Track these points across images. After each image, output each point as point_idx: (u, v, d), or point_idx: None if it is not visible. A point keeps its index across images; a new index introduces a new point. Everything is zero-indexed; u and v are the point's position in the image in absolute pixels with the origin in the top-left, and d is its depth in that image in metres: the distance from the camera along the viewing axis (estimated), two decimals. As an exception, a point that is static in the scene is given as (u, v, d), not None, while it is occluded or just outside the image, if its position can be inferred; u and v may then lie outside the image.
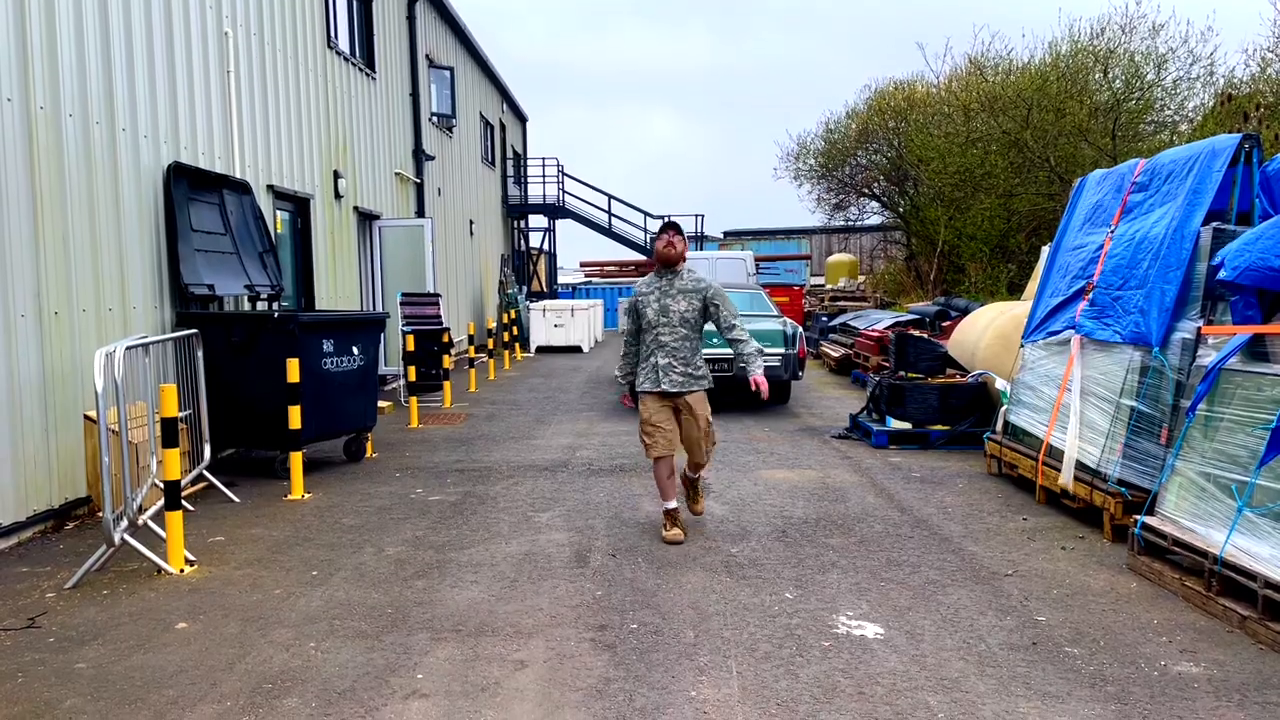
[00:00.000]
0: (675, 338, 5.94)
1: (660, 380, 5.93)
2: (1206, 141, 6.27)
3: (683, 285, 5.98)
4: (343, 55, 13.25)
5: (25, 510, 6.22)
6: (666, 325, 5.94)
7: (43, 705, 3.74)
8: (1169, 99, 20.26)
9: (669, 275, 6.01)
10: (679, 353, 5.94)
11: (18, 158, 6.25)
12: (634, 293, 6.09)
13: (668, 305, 5.93)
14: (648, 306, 5.99)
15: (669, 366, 5.92)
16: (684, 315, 5.93)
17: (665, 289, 5.98)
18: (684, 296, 5.95)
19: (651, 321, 5.97)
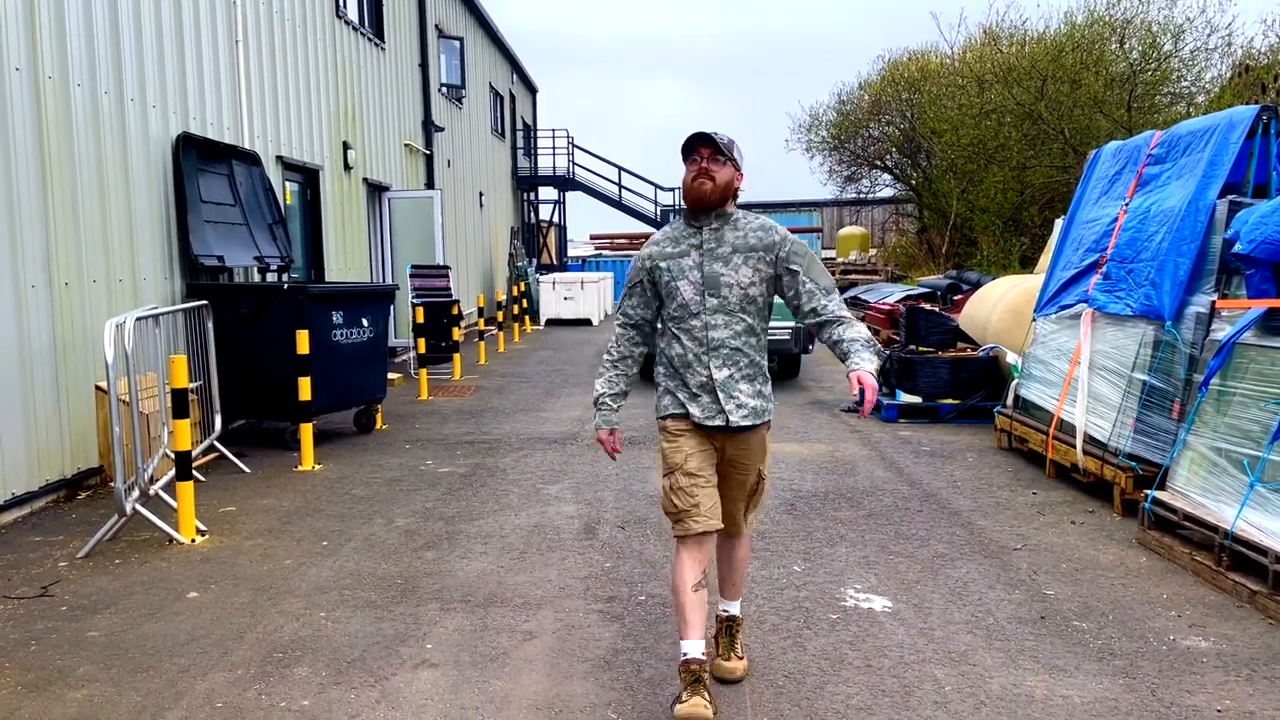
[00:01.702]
0: (735, 331, 3.43)
1: (721, 405, 3.43)
2: (1224, 113, 6.19)
3: (739, 239, 3.44)
4: (352, 25, 13.17)
5: (38, 480, 6.26)
6: (720, 310, 3.42)
7: (55, 673, 3.78)
8: (1186, 70, 20.03)
9: (713, 224, 3.47)
10: (743, 358, 3.44)
11: (26, 128, 6.23)
12: (638, 256, 3.63)
13: (717, 275, 3.41)
14: (677, 278, 3.46)
15: (729, 384, 3.43)
16: (746, 292, 3.42)
17: (709, 247, 3.45)
18: (745, 258, 3.42)
19: (687, 304, 3.44)
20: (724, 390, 3.42)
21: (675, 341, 3.48)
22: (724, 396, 3.41)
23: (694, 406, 3.45)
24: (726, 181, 3.41)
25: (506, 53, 25.53)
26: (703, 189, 3.40)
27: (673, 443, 3.49)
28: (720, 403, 3.41)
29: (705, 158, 3.41)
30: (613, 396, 3.63)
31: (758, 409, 3.47)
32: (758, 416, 3.47)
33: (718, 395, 3.41)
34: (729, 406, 3.41)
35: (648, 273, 3.55)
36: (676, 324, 3.48)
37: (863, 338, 3.38)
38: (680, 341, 3.47)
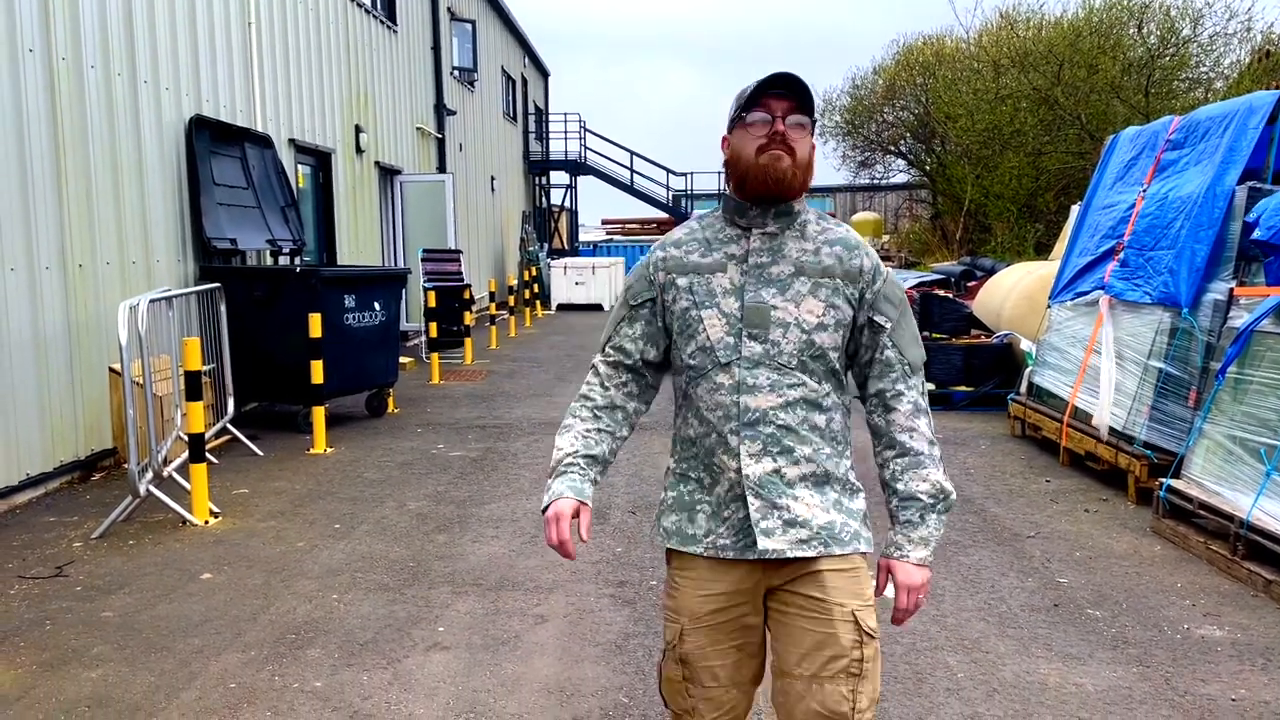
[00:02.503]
0: (786, 400, 2.02)
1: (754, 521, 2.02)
2: (1243, 99, 6.12)
3: (807, 254, 2.07)
4: (364, 8, 13.14)
5: (52, 461, 6.29)
6: (765, 363, 2.02)
7: (70, 652, 3.80)
8: (1204, 55, 19.83)
9: (769, 225, 2.07)
10: (798, 445, 2.03)
11: (40, 110, 6.23)
12: (644, 262, 2.21)
13: (766, 307, 2.03)
14: (702, 305, 2.07)
15: (772, 483, 2.02)
16: (811, 338, 2.03)
17: (757, 261, 2.06)
18: (814, 285, 2.05)
19: (713, 348, 2.05)
20: (762, 494, 1.98)
21: (691, 413, 2.09)
22: (761, 504, 1.98)
23: (713, 525, 2.05)
24: (809, 162, 2.03)
25: (519, 36, 25.45)
26: (780, 169, 1.96)
27: (673, 597, 2.13)
28: (752, 516, 1.99)
29: (784, 115, 1.97)
30: (589, 460, 2.10)
31: (831, 527, 2.01)
32: (831, 540, 2.00)
33: (747, 502, 1.99)
34: (768, 523, 1.98)
35: (660, 289, 2.13)
36: (693, 383, 2.07)
37: (929, 493, 2.06)
38: (698, 413, 2.06)
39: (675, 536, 2.12)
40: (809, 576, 2.04)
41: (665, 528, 2.15)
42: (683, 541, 2.10)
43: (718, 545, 2.06)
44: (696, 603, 2.08)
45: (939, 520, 2.12)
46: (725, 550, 2.05)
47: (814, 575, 2.03)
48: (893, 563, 2.12)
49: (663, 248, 2.19)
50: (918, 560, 2.10)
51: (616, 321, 2.21)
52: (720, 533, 2.06)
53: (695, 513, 2.10)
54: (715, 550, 2.06)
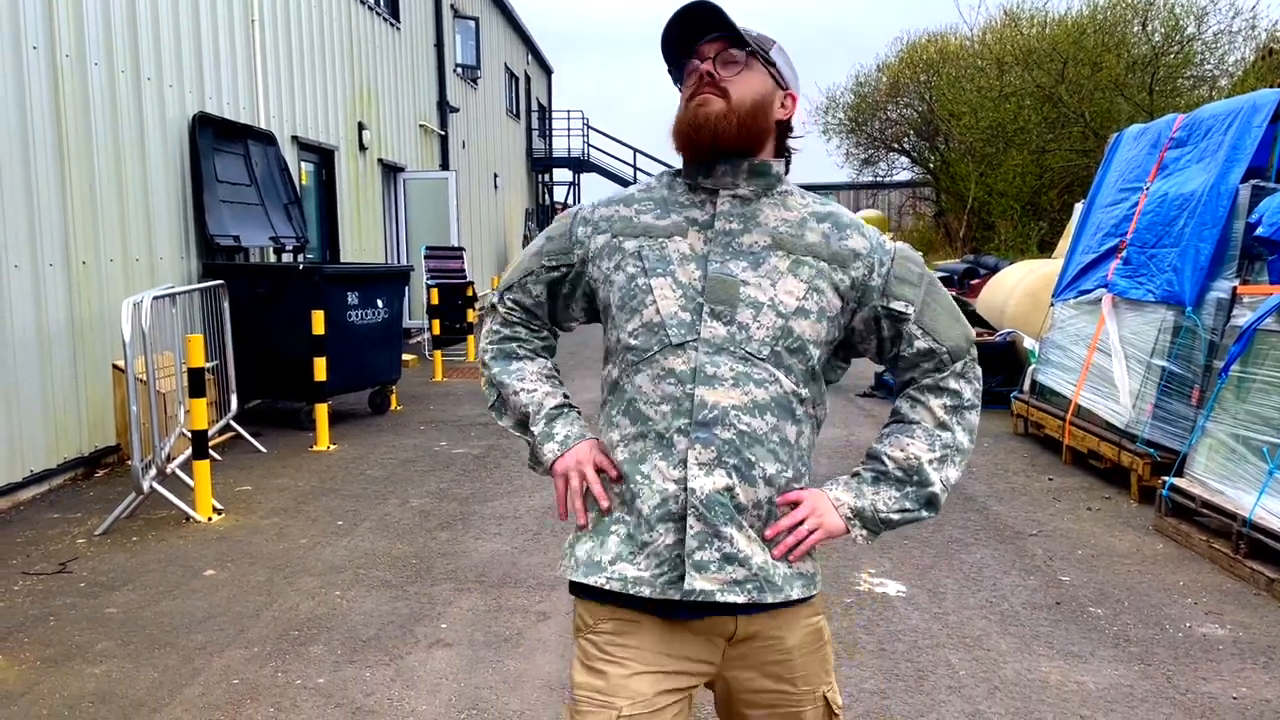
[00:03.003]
0: (755, 398, 1.59)
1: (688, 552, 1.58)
2: (1247, 97, 6.11)
3: (787, 225, 1.67)
4: (367, 5, 13.14)
5: (56, 457, 6.30)
6: (728, 349, 1.60)
7: (74, 648, 3.81)
8: (1209, 53, 19.81)
9: (738, 187, 1.68)
10: (764, 457, 1.60)
11: (44, 106, 6.24)
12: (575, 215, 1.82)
13: (734, 281, 1.62)
14: (652, 272, 1.65)
15: (719, 506, 1.57)
16: (789, 324, 1.61)
17: (725, 227, 1.66)
18: (794, 263, 1.64)
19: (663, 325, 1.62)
20: (706, 516, 1.57)
21: (620, 409, 1.68)
22: (702, 529, 1.57)
23: (624, 551, 1.62)
24: (754, 100, 1.64)
25: (522, 33, 25.44)
26: (706, 113, 1.62)
27: (599, 673, 1.63)
28: (687, 543, 1.57)
29: (714, 55, 1.65)
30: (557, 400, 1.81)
31: (767, 568, 1.62)
32: (766, 585, 1.62)
33: (685, 524, 1.58)
34: (703, 554, 1.57)
35: (588, 257, 1.76)
36: (630, 370, 1.66)
37: (898, 462, 1.70)
38: (631, 407, 1.65)
39: (583, 566, 1.65)
40: (766, 648, 1.68)
41: (575, 556, 1.69)
42: (588, 571, 1.64)
43: (627, 578, 1.59)
44: (642, 682, 1.60)
45: (896, 499, 1.68)
46: (637, 585, 1.59)
47: (771, 646, 1.68)
48: (813, 497, 1.67)
49: (607, 204, 1.78)
50: (836, 499, 1.68)
51: (526, 271, 1.84)
52: (637, 562, 1.59)
53: (608, 535, 1.64)
54: (623, 583, 1.59)
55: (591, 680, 1.62)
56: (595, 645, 1.65)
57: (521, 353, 1.84)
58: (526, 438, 1.79)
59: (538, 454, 1.76)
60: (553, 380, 1.82)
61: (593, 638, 1.66)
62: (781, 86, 1.70)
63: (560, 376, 1.85)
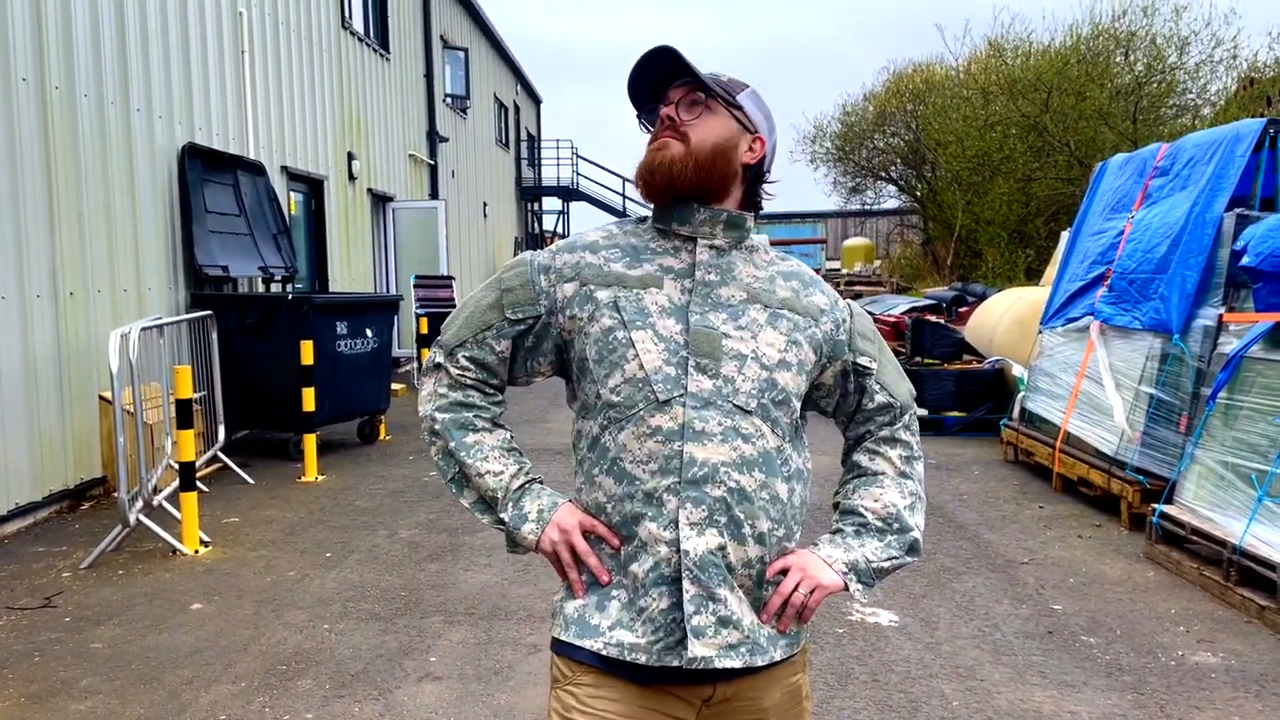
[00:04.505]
0: (743, 454, 1.57)
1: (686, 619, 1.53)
2: (1230, 126, 6.18)
3: (760, 280, 1.68)
4: (357, 36, 13.21)
5: (42, 490, 6.25)
6: (715, 404, 1.57)
7: (59, 684, 3.76)
8: (1191, 82, 20.03)
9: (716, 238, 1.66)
10: (758, 515, 1.58)
11: (33, 138, 6.24)
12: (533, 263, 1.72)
13: (717, 334, 1.60)
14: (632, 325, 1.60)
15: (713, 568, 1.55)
16: (773, 377, 1.61)
17: (705, 278, 1.64)
18: (772, 316, 1.65)
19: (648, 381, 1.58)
20: (701, 578, 1.54)
21: (603, 469, 1.62)
22: (697, 593, 1.54)
23: (629, 626, 1.58)
24: (714, 144, 1.62)
25: (511, 64, 25.59)
26: (662, 158, 1.62)
27: (562, 708, 1.63)
28: (685, 608, 1.53)
29: (676, 101, 1.64)
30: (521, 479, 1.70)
31: (755, 629, 1.60)
32: (773, 647, 1.62)
33: (681, 588, 1.54)
34: (700, 619, 1.54)
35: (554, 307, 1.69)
36: (611, 427, 1.61)
37: (876, 512, 1.72)
38: (615, 467, 1.60)
39: (574, 626, 1.61)
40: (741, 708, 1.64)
41: (564, 616, 1.64)
42: (581, 634, 1.59)
43: (624, 644, 1.56)
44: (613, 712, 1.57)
45: (882, 549, 1.68)
46: (634, 651, 1.54)
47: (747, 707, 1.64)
48: (800, 562, 1.64)
49: (570, 250, 1.70)
50: (828, 556, 1.66)
51: (482, 326, 1.70)
52: (634, 628, 1.56)
53: (608, 599, 1.60)
54: (620, 650, 1.55)
55: None
56: (575, 698, 1.61)
57: (479, 424, 1.71)
58: (495, 523, 1.69)
59: (515, 538, 1.67)
60: (514, 454, 1.72)
61: (572, 689, 1.61)
62: (749, 130, 1.66)
63: (519, 446, 1.75)
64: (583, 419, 1.68)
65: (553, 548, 1.63)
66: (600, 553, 1.62)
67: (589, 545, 1.62)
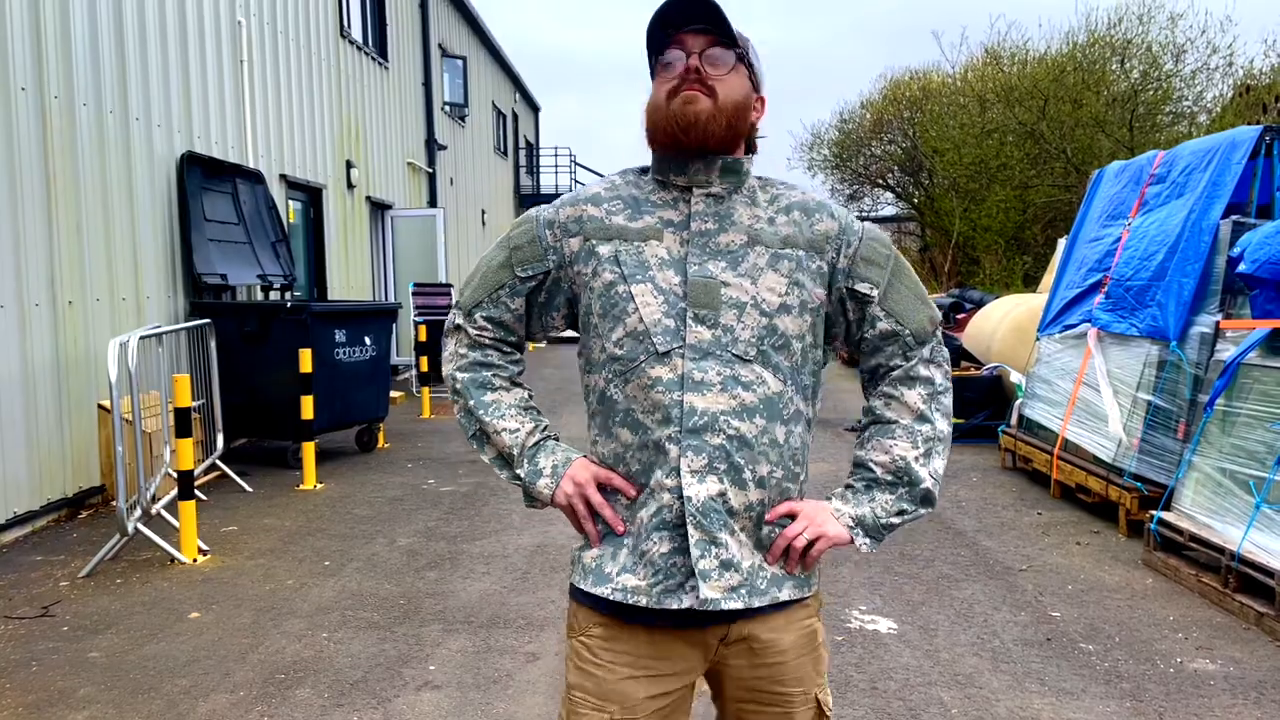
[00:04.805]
0: (743, 401, 1.60)
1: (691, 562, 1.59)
2: (1226, 133, 6.20)
3: (761, 220, 1.67)
4: (355, 44, 13.24)
5: (40, 498, 6.24)
6: (714, 353, 1.60)
7: (56, 694, 3.75)
8: (1187, 89, 20.10)
9: (712, 185, 1.67)
10: (757, 459, 1.62)
11: (32, 147, 6.25)
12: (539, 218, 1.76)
13: (715, 283, 1.61)
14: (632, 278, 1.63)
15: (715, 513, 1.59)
16: (773, 322, 1.62)
17: (701, 227, 1.65)
18: (772, 257, 1.64)
19: (648, 334, 1.61)
20: (704, 524, 1.58)
21: (614, 420, 1.67)
22: (701, 538, 1.58)
23: (632, 569, 1.63)
24: (737, 102, 1.63)
25: (509, 72, 25.64)
26: (693, 112, 1.60)
27: (589, 674, 1.68)
28: (691, 552, 1.58)
29: (700, 50, 1.61)
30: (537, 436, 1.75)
31: (754, 571, 1.63)
32: (774, 588, 1.65)
33: (685, 533, 1.59)
34: (706, 563, 1.58)
35: (563, 261, 1.73)
36: (617, 380, 1.65)
37: (885, 465, 1.70)
38: (626, 419, 1.65)
39: (591, 575, 1.67)
40: (762, 649, 1.68)
41: (584, 563, 1.69)
42: (596, 581, 1.65)
43: (626, 589, 1.61)
44: (633, 686, 1.63)
45: (891, 503, 1.68)
46: (635, 594, 1.60)
47: (768, 648, 1.68)
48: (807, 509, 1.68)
49: (574, 203, 1.73)
50: (836, 510, 1.69)
51: (495, 286, 1.76)
52: (637, 572, 1.61)
53: (620, 546, 1.66)
54: (623, 595, 1.61)
55: (583, 682, 1.67)
56: (587, 648, 1.68)
57: (498, 383, 1.78)
58: (512, 478, 1.75)
59: (531, 493, 1.73)
60: (531, 412, 1.77)
61: (585, 640, 1.69)
62: (757, 90, 1.70)
63: (536, 404, 1.81)
64: (589, 373, 1.72)
65: (567, 501, 1.68)
66: (615, 503, 1.67)
67: (603, 497, 1.66)
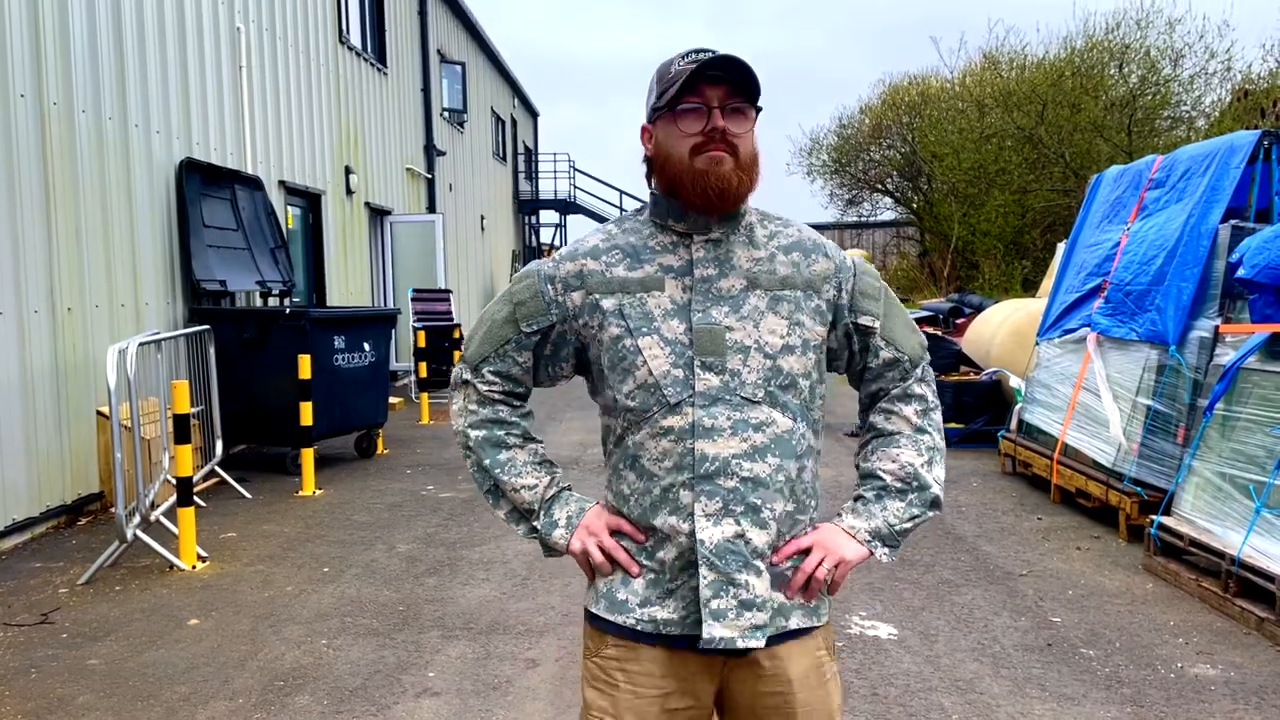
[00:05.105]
0: (754, 443, 1.64)
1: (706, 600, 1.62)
2: (1225, 138, 6.21)
3: (761, 262, 1.70)
4: (354, 50, 13.25)
5: (39, 505, 6.24)
6: (724, 399, 1.64)
7: (56, 701, 3.75)
8: (1185, 94, 20.15)
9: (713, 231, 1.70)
10: (771, 498, 1.65)
11: (31, 154, 6.25)
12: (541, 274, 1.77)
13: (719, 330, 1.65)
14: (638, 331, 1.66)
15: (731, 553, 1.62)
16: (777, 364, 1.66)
17: (703, 274, 1.67)
18: (773, 300, 1.69)
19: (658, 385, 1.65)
20: (718, 565, 1.62)
21: (626, 464, 1.72)
22: (715, 579, 1.61)
23: (653, 594, 1.68)
24: (754, 158, 1.67)
25: (508, 77, 25.66)
26: (722, 174, 1.61)
27: (605, 693, 1.71)
28: (702, 593, 1.62)
29: (720, 104, 1.62)
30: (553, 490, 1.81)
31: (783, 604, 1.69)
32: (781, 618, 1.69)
33: (700, 577, 1.62)
34: (720, 603, 1.61)
35: (567, 315, 1.75)
36: (631, 429, 1.70)
37: (894, 473, 1.74)
38: (636, 464, 1.69)
39: (604, 600, 1.72)
40: (768, 677, 1.69)
41: (598, 588, 1.74)
42: (610, 608, 1.70)
43: (657, 620, 1.67)
44: (644, 704, 1.68)
45: (903, 509, 1.73)
46: (667, 626, 1.66)
47: (769, 677, 1.69)
48: (824, 538, 1.71)
49: (573, 258, 1.74)
50: (850, 527, 1.72)
51: (501, 341, 1.78)
52: (666, 605, 1.67)
53: (628, 588, 1.71)
54: (654, 625, 1.67)
55: (599, 701, 1.71)
56: (601, 669, 1.72)
57: (511, 441, 1.82)
58: (529, 532, 1.81)
59: (548, 544, 1.78)
60: (545, 466, 1.83)
61: (599, 661, 1.73)
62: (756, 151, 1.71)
63: (549, 458, 1.85)
64: (608, 416, 1.77)
65: (582, 547, 1.73)
66: (628, 547, 1.72)
67: (616, 542, 1.72)
